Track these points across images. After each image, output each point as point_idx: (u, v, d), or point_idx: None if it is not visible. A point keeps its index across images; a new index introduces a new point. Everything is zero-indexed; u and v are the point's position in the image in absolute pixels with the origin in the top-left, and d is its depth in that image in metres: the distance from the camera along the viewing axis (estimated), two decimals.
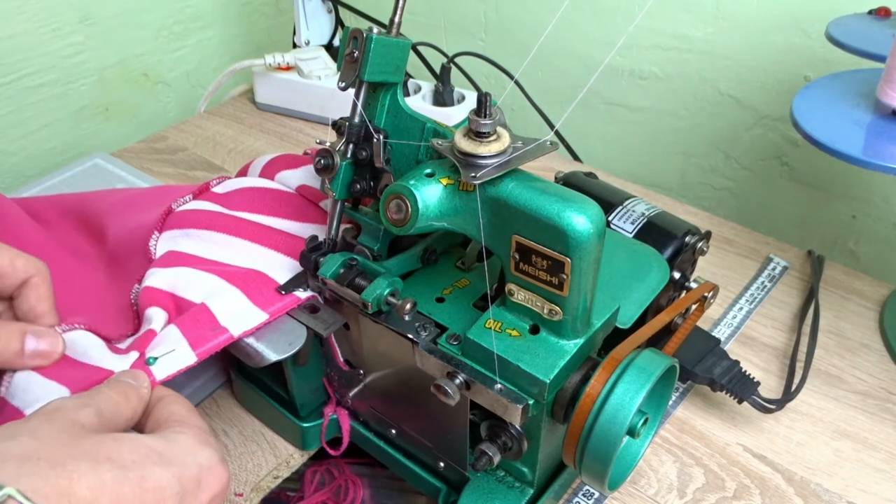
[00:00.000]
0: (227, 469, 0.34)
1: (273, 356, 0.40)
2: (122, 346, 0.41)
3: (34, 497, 0.26)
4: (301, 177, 0.52)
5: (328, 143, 0.41)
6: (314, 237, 0.42)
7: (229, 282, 0.43)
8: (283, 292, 0.42)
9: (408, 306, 0.37)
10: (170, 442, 0.32)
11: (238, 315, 0.40)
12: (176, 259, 0.45)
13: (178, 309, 0.42)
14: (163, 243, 0.48)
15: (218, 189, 0.52)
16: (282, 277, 0.43)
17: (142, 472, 0.29)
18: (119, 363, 0.38)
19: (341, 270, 0.40)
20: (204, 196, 0.51)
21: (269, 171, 0.54)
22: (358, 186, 0.41)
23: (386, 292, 0.38)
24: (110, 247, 0.51)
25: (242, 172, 0.57)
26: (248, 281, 0.43)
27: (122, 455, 0.29)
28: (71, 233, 0.53)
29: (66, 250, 0.51)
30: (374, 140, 0.40)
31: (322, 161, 0.41)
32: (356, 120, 0.40)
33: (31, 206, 0.54)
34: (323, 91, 0.83)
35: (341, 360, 0.45)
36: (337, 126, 0.41)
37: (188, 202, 0.51)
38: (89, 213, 0.54)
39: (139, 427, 0.35)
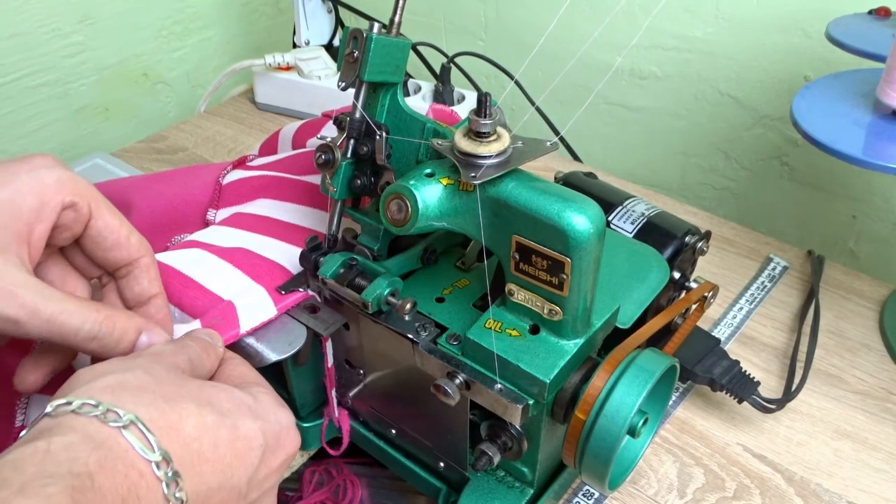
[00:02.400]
0: (299, 434, 0.36)
1: (273, 356, 0.40)
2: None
3: (150, 425, 0.28)
4: None
5: (329, 139, 0.41)
6: (314, 237, 0.42)
7: (256, 280, 0.43)
8: (283, 293, 0.42)
9: (408, 306, 0.37)
10: (256, 398, 0.34)
11: (253, 314, 0.41)
12: (216, 241, 0.47)
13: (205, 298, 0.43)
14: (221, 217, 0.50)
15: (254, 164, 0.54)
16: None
17: (236, 421, 0.31)
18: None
19: (341, 270, 0.40)
20: (244, 168, 0.53)
21: (300, 140, 0.55)
22: (358, 182, 0.41)
23: (386, 292, 0.38)
24: (136, 220, 0.52)
25: (269, 145, 0.58)
26: (274, 278, 0.43)
27: (220, 402, 0.31)
28: None
29: None
30: (378, 136, 0.40)
31: (323, 156, 0.40)
32: (357, 115, 0.40)
33: None
34: (323, 91, 0.83)
35: (330, 364, 0.45)
36: (338, 121, 0.41)
37: (231, 171, 0.52)
38: (105, 193, 0.55)
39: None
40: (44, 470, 0.25)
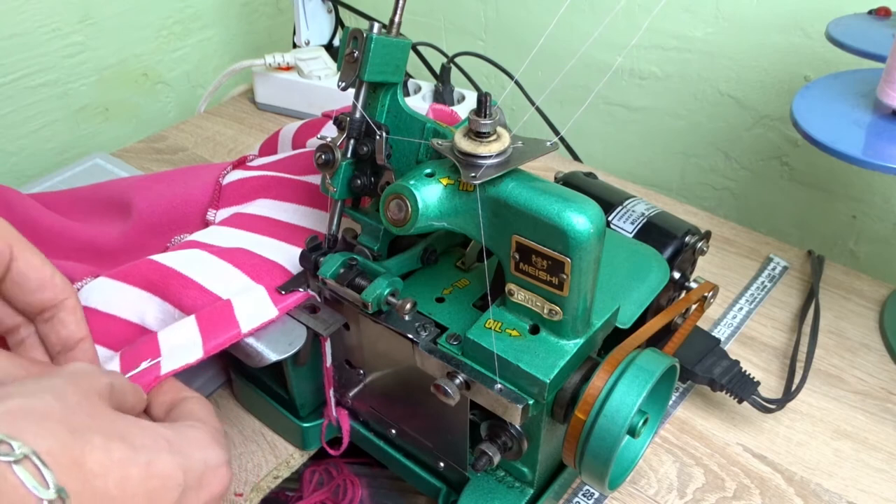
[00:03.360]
0: (231, 473, 0.34)
1: (273, 356, 0.40)
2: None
3: (47, 459, 0.26)
4: None
5: (329, 139, 0.41)
6: (314, 237, 0.42)
7: (256, 280, 0.43)
8: (283, 293, 0.42)
9: (408, 306, 0.37)
10: (180, 434, 0.32)
11: (253, 315, 0.41)
12: (216, 242, 0.47)
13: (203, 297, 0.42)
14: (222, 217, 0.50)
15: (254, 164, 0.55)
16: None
17: (150, 457, 0.29)
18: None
19: (341, 270, 0.40)
20: (243, 168, 0.53)
21: (300, 141, 0.55)
22: (358, 182, 0.41)
23: (386, 292, 0.38)
24: (136, 220, 0.52)
25: (269, 146, 0.58)
26: (274, 277, 0.43)
27: (133, 436, 0.29)
28: (86, 217, 0.54)
29: (83, 237, 0.51)
30: (378, 136, 0.40)
31: (323, 156, 0.40)
32: (357, 115, 0.40)
33: (43, 200, 0.55)
34: (323, 91, 0.83)
35: (328, 364, 0.45)
36: (338, 121, 0.41)
37: (230, 172, 0.52)
38: (106, 194, 0.55)
39: (156, 420, 0.36)
40: None
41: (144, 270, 0.44)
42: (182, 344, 0.39)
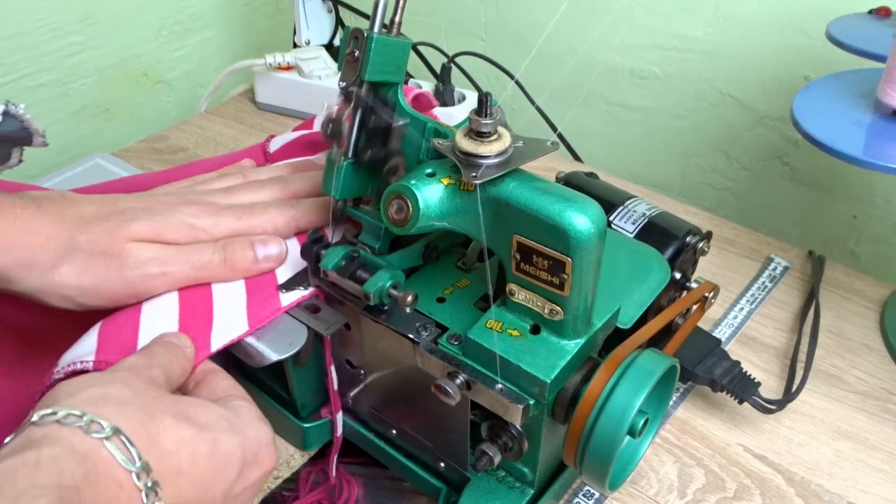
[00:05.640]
0: (276, 451, 0.36)
1: (274, 356, 0.40)
2: None
3: (131, 437, 0.29)
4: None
5: (335, 110, 0.40)
6: (316, 230, 0.42)
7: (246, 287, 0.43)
8: (285, 290, 0.42)
9: (409, 298, 0.37)
10: (236, 413, 0.34)
11: (226, 329, 0.40)
12: None
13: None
14: None
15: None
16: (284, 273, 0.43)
17: (215, 435, 0.32)
18: None
19: (343, 263, 0.40)
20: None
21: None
22: (369, 152, 0.40)
23: (388, 284, 0.38)
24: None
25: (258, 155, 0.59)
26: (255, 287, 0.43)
27: (199, 416, 0.32)
28: None
29: None
30: (396, 124, 0.40)
31: (331, 126, 0.40)
32: (364, 93, 0.39)
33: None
34: (323, 91, 0.83)
35: (332, 370, 0.45)
36: (345, 93, 0.40)
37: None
38: (123, 187, 0.56)
39: (194, 394, 0.37)
40: (35, 482, 0.26)
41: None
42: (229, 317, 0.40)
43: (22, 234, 0.37)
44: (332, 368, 0.45)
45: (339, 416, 0.47)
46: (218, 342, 0.39)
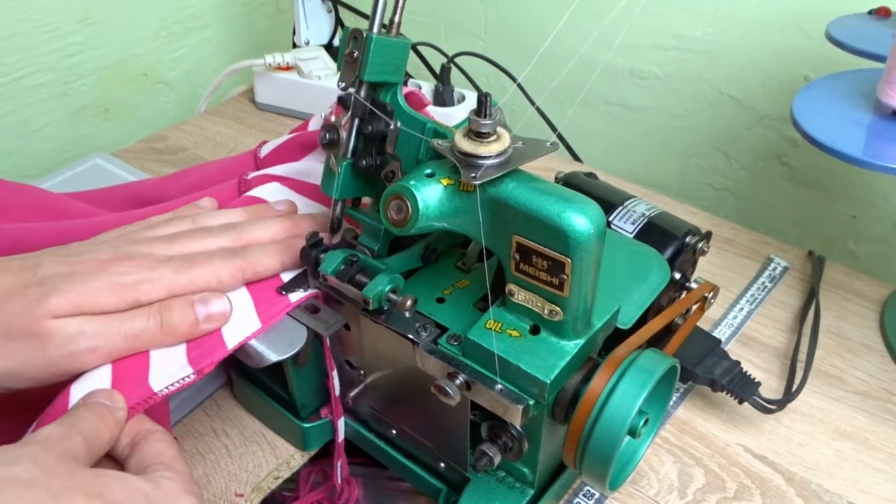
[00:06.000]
0: None
1: (273, 356, 0.40)
2: None
3: None
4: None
5: (333, 118, 0.40)
6: (314, 233, 0.42)
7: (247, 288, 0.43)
8: (285, 293, 0.42)
9: (408, 303, 0.37)
10: (157, 486, 0.32)
11: (238, 327, 0.40)
12: None
13: None
14: None
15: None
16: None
17: None
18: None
19: (342, 267, 0.40)
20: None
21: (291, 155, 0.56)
22: (364, 162, 0.40)
23: (387, 289, 0.38)
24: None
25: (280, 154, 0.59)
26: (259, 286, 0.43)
27: (113, 493, 0.30)
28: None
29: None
30: (392, 126, 0.39)
31: (328, 135, 0.40)
32: (363, 94, 0.39)
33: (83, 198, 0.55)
34: (323, 91, 0.83)
35: (334, 374, 0.45)
36: (343, 101, 0.40)
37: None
38: (122, 194, 0.56)
39: (125, 459, 0.35)
40: None
41: None
42: (170, 360, 0.39)
43: None
44: (335, 374, 0.45)
45: (342, 423, 0.47)
46: (232, 341, 0.39)
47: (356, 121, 0.40)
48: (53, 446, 0.31)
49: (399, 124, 0.39)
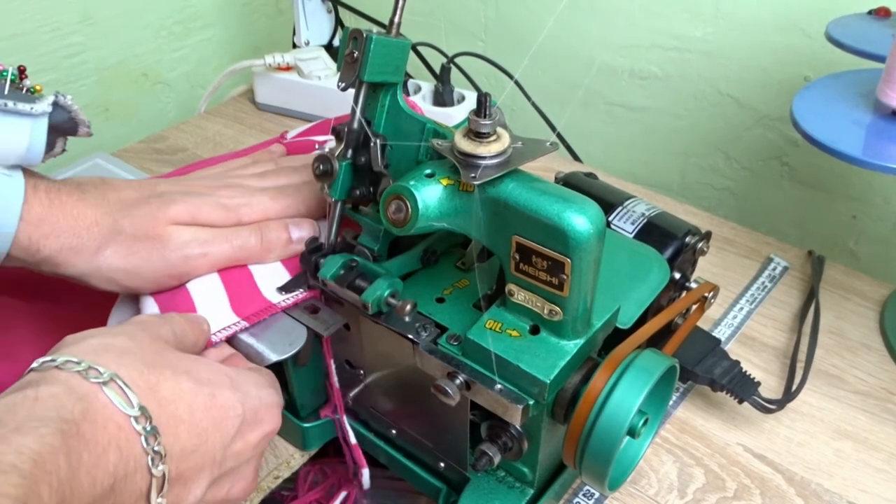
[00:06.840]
0: (281, 418, 0.37)
1: (273, 356, 0.40)
2: None
3: (129, 384, 0.30)
4: None
5: (327, 149, 0.41)
6: (314, 238, 0.42)
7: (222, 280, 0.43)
8: (284, 293, 0.42)
9: (408, 307, 0.37)
10: (241, 374, 0.36)
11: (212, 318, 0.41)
12: None
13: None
14: None
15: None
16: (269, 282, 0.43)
17: (213, 390, 0.33)
18: None
19: (341, 272, 0.40)
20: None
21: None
22: (358, 192, 0.41)
23: (386, 293, 0.38)
24: None
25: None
26: (237, 282, 0.43)
27: (199, 372, 0.33)
28: None
29: None
30: (371, 144, 0.40)
31: (321, 167, 0.41)
32: (355, 125, 0.40)
33: None
34: (323, 91, 0.83)
35: (333, 369, 0.45)
36: (336, 132, 0.41)
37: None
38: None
39: None
40: (34, 414, 0.27)
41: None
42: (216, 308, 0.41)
43: (69, 218, 0.39)
44: (336, 379, 0.45)
45: (348, 424, 0.47)
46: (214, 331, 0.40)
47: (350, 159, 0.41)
48: (148, 328, 0.34)
49: (380, 141, 0.40)
